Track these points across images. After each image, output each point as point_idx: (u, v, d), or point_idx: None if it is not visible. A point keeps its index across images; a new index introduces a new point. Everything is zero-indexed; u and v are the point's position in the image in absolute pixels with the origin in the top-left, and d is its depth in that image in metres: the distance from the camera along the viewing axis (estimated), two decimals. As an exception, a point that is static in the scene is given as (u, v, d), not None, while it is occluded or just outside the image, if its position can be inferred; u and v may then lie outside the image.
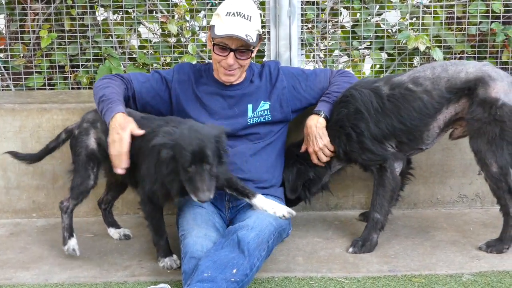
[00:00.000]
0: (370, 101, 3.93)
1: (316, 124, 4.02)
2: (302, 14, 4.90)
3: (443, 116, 3.91)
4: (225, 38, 3.78)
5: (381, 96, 3.92)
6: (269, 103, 4.05)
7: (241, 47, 3.82)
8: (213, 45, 3.86)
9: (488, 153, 3.77)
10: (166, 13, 5.10)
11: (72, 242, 3.93)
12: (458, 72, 3.84)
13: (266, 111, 4.04)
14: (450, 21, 5.09)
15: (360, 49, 5.20)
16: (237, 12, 3.80)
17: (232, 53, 3.82)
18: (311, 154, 4.08)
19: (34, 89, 5.11)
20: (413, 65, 5.07)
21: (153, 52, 5.26)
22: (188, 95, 4.01)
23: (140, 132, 3.65)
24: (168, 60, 5.19)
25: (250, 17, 3.82)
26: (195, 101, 4.01)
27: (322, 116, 4.03)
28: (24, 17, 5.14)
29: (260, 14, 5.02)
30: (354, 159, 4.06)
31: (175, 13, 5.10)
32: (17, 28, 5.10)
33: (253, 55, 3.94)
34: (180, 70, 4.09)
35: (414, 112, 3.86)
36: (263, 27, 5.00)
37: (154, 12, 5.18)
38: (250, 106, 4.02)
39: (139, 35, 5.38)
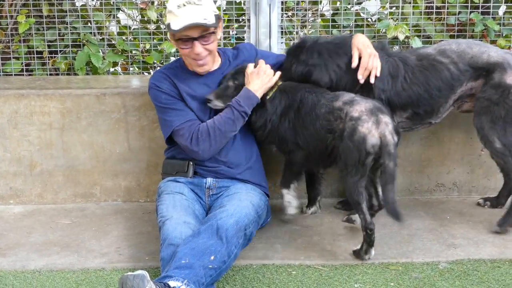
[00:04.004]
0: (398, 67, 3.94)
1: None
2: (282, 2, 4.89)
3: (460, 90, 4.01)
4: (185, 30, 3.72)
5: (409, 64, 3.95)
6: None
7: (203, 33, 3.79)
8: (176, 41, 3.82)
9: (491, 130, 3.92)
10: (145, 0, 5.07)
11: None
12: (481, 53, 3.96)
13: None
14: (430, 10, 5.11)
15: (340, 37, 5.20)
16: (186, 2, 3.76)
17: (196, 42, 3.79)
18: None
19: (11, 74, 5.06)
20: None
21: (132, 39, 5.23)
22: (175, 95, 3.97)
23: None
24: (148, 46, 5.16)
25: (200, 0, 3.80)
26: (183, 98, 3.95)
27: None
28: (1, 2, 5.09)
29: (241, 2, 5.04)
30: None
31: (154, 0, 5.07)
32: (-5, 13, 5.06)
33: (218, 37, 3.93)
34: (160, 83, 3.97)
35: (442, 82, 3.94)
36: (243, 14, 5.03)
37: (134, -2, 5.16)
38: None
39: (118, 22, 5.34)
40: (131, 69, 5.31)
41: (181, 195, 3.82)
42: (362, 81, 3.85)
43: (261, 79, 3.85)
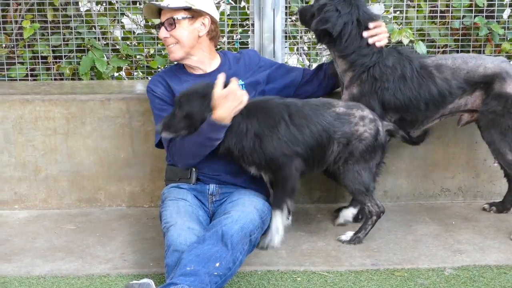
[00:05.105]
0: (404, 66, 3.94)
1: None
2: (286, 7, 4.88)
3: (453, 106, 4.00)
4: (149, 13, 4.01)
5: (413, 67, 3.94)
6: (244, 82, 4.03)
7: (168, 18, 3.93)
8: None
9: (502, 143, 3.92)
10: (150, 5, 5.08)
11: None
12: (477, 66, 3.93)
13: (242, 85, 3.99)
14: (434, 15, 5.10)
15: (344, 42, 5.18)
16: None
17: (162, 27, 3.95)
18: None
19: (16, 79, 5.07)
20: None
21: (136, 44, 5.24)
22: (168, 100, 4.01)
23: None
24: (152, 51, 5.17)
25: None
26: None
27: None
28: (6, 7, 5.09)
29: (245, 7, 5.04)
30: None
31: (159, 5, 5.07)
32: (-1, 18, 5.06)
33: (201, 33, 3.98)
34: (155, 86, 4.05)
35: (429, 96, 3.93)
36: (247, 19, 5.03)
37: (138, 3, 5.15)
38: None
39: (123, 27, 5.35)
40: (135, 73, 5.31)
41: (185, 201, 3.82)
42: (365, 34, 3.88)
43: (229, 104, 3.62)
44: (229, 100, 3.62)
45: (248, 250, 3.46)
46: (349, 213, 4.18)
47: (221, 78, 3.65)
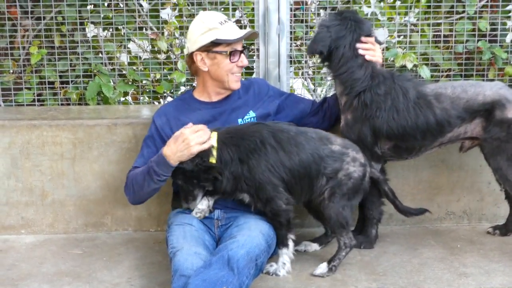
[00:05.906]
0: (396, 97, 3.94)
1: None
2: (291, 32, 4.93)
3: (452, 135, 4.00)
4: (238, 40, 3.92)
5: (407, 98, 3.94)
6: (255, 114, 4.10)
7: (244, 47, 4.02)
8: (221, 55, 3.92)
9: (509, 169, 3.93)
10: (156, 30, 5.13)
11: None
12: (476, 94, 3.93)
13: (252, 118, 4.09)
14: (437, 39, 5.14)
15: (349, 66, 5.22)
16: (226, 19, 3.98)
17: (242, 54, 3.97)
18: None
19: (23, 105, 5.10)
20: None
21: (142, 69, 5.28)
22: (170, 133, 3.99)
23: None
24: (158, 76, 5.21)
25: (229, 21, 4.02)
26: None
27: None
28: (14, 33, 5.14)
29: (249, 32, 5.07)
30: None
31: (165, 30, 5.11)
32: (7, 44, 5.09)
33: None
34: (158, 117, 4.10)
35: (427, 126, 3.94)
36: (252, 44, 5.07)
37: (144, 29, 5.20)
38: (239, 121, 4.06)
39: (129, 52, 5.39)
40: (141, 98, 5.34)
41: (191, 226, 3.84)
42: (358, 45, 3.94)
43: (176, 145, 3.69)
44: (177, 141, 3.69)
45: (254, 274, 3.48)
46: (313, 246, 4.23)
47: (190, 123, 3.79)
